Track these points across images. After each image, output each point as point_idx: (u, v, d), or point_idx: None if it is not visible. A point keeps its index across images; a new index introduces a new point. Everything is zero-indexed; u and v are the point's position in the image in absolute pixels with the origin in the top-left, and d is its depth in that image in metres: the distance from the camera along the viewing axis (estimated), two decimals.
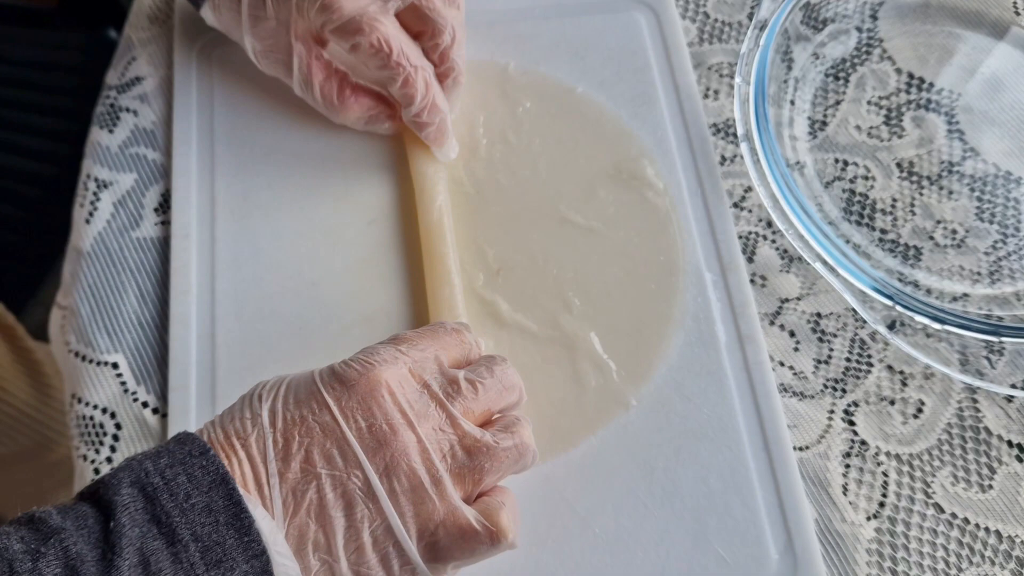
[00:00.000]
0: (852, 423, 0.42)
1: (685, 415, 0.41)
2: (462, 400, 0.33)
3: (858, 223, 0.47)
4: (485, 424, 0.34)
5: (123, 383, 0.42)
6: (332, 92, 0.43)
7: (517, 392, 0.35)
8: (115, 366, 0.42)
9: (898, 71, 0.51)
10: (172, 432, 0.40)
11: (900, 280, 0.46)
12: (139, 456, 0.29)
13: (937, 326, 0.42)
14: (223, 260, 0.44)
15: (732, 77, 0.50)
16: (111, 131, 0.47)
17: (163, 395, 0.41)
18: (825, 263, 0.44)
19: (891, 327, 0.44)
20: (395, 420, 0.31)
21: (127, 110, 0.48)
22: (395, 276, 0.44)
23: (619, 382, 0.41)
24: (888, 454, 0.42)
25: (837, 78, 0.51)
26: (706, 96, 0.50)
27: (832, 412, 0.43)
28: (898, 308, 0.43)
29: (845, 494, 0.40)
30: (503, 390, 0.34)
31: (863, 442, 0.42)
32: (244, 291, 0.43)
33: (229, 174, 0.46)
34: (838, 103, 0.50)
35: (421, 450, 0.31)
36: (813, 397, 0.43)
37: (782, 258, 0.46)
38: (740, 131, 0.47)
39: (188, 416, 0.40)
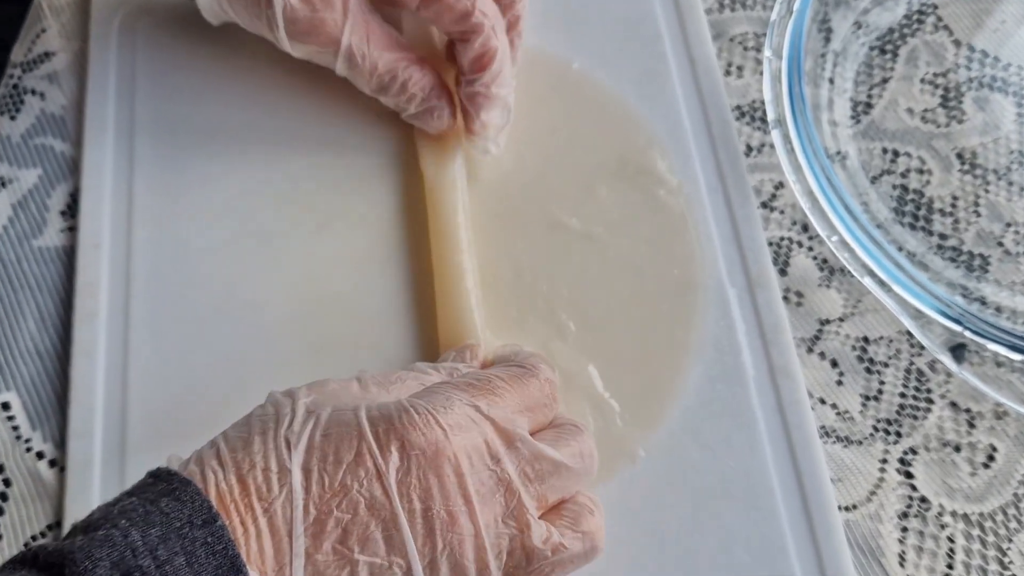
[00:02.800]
0: (909, 475, 0.35)
1: (704, 469, 0.33)
2: (538, 485, 0.27)
3: (912, 226, 0.40)
4: (553, 509, 0.28)
5: (15, 428, 0.34)
6: (398, 63, 0.35)
7: (594, 470, 0.30)
8: (5, 407, 0.34)
9: (956, 43, 0.43)
10: (72, 494, 0.32)
11: (964, 296, 0.38)
12: (120, 519, 0.22)
13: (1018, 357, 0.34)
14: (140, 275, 0.36)
15: (759, 50, 0.43)
16: (12, 118, 0.40)
17: (62, 443, 0.34)
18: (874, 276, 0.36)
19: (955, 354, 0.36)
20: (456, 507, 0.26)
21: (33, 92, 0.40)
22: (352, 294, 0.36)
23: (623, 427, 0.34)
24: (954, 514, 0.34)
25: (884, 52, 0.43)
26: (728, 73, 0.42)
27: (885, 462, 0.35)
28: (967, 334, 0.35)
29: (902, 565, 0.33)
30: (584, 471, 0.29)
31: (923, 499, 0.34)
32: (165, 314, 0.35)
33: (151, 170, 0.38)
34: (885, 81, 0.42)
35: (477, 546, 0.26)
36: (861, 443, 0.35)
37: (821, 270, 0.38)
38: (770, 115, 0.39)
39: (91, 471, 0.33)
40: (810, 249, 0.39)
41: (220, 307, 0.36)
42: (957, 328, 0.35)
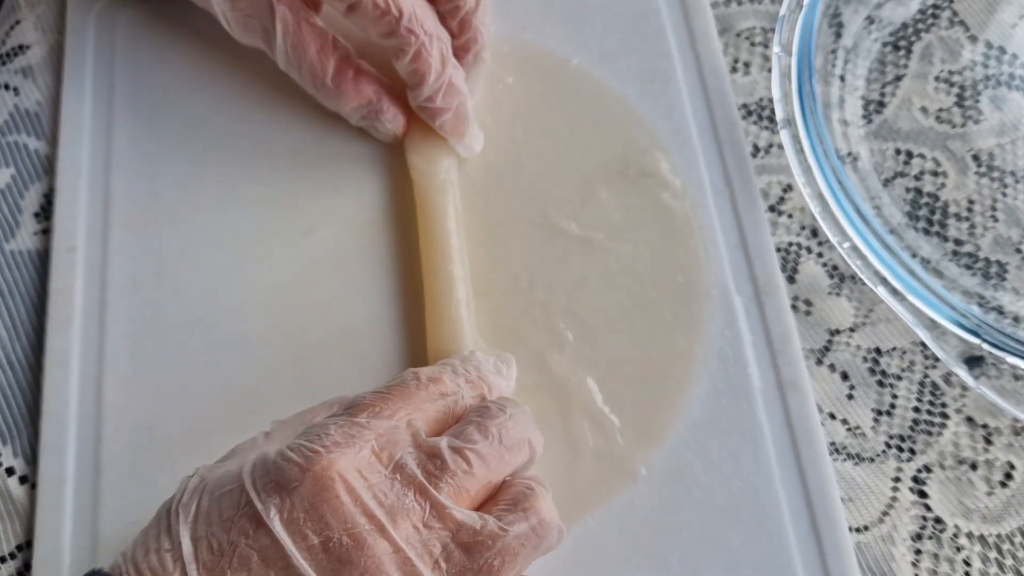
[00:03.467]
0: (924, 494, 0.33)
1: (710, 488, 0.32)
2: (450, 479, 0.25)
3: (926, 231, 0.38)
4: (488, 500, 0.26)
5: None
6: (326, 70, 0.34)
7: (526, 448, 0.28)
8: None
9: (973, 39, 0.41)
10: (43, 513, 0.31)
11: (980, 305, 0.37)
12: None
13: None
14: (117, 281, 0.34)
15: (767, 46, 0.41)
16: None
17: (33, 459, 0.32)
18: (887, 284, 0.34)
19: (971, 366, 0.34)
20: (359, 527, 0.24)
21: (6, 87, 0.38)
22: (338, 303, 0.34)
23: (623, 444, 0.32)
24: (970, 535, 0.32)
25: (897, 48, 0.41)
26: (734, 70, 0.40)
27: (898, 480, 0.33)
28: (985, 347, 0.33)
29: None
30: (504, 451, 0.27)
31: (938, 520, 0.33)
32: (143, 321, 0.34)
33: (130, 170, 0.36)
34: (899, 79, 0.40)
35: (400, 562, 0.24)
36: (873, 460, 0.33)
37: (831, 277, 0.37)
38: (779, 114, 0.37)
39: (64, 488, 0.31)
40: (820, 255, 0.37)
41: (200, 315, 0.34)
42: (975, 340, 0.33)
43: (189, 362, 0.33)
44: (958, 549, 0.32)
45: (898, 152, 0.39)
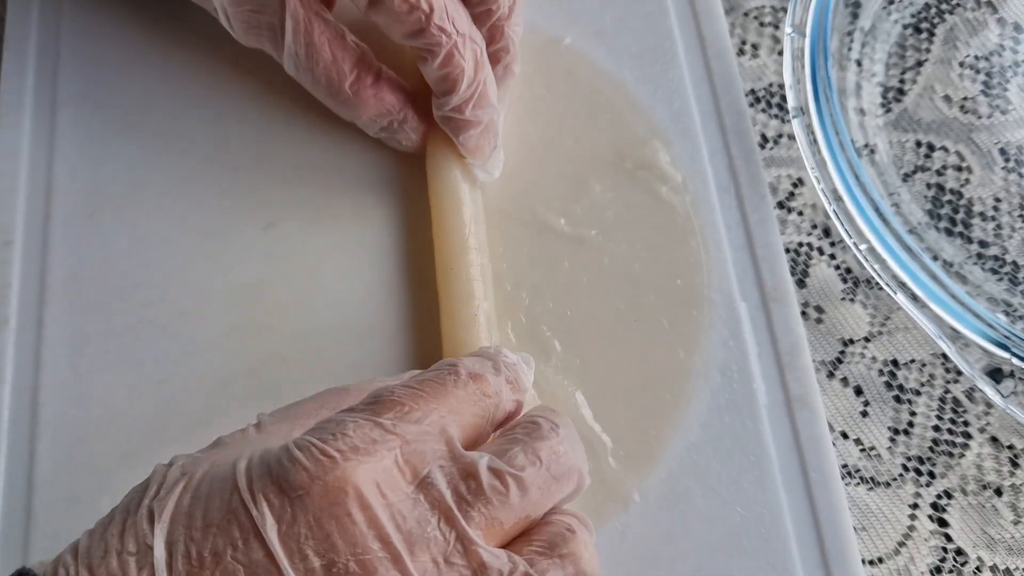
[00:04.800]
0: (944, 523, 0.30)
1: (709, 515, 0.29)
2: (483, 507, 0.22)
3: (948, 232, 0.35)
4: (521, 536, 0.23)
5: None
6: (343, 75, 0.30)
7: (574, 480, 0.24)
8: None
9: (1001, 21, 0.38)
10: None
11: (1007, 313, 0.34)
12: None
13: None
14: (57, 278, 0.31)
15: (778, 27, 0.38)
16: None
17: None
18: (906, 289, 0.31)
19: (996, 381, 0.31)
20: (370, 554, 0.20)
21: None
22: (303, 304, 0.31)
23: (615, 466, 0.29)
24: (995, 568, 0.30)
25: (919, 30, 0.38)
26: (742, 53, 0.37)
27: (916, 507, 0.30)
28: (1013, 360, 0.30)
29: None
30: (552, 482, 0.23)
31: (959, 551, 0.30)
32: (85, 324, 0.31)
33: (74, 155, 0.33)
34: (920, 65, 0.37)
35: None
36: (889, 485, 0.31)
37: (844, 281, 0.34)
38: (791, 102, 0.34)
39: None
40: (832, 257, 0.34)
41: (149, 316, 0.31)
42: (1001, 353, 0.30)
43: (135, 369, 0.30)
44: None
45: (919, 144, 0.36)
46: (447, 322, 0.30)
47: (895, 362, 0.32)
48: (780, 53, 0.37)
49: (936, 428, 0.32)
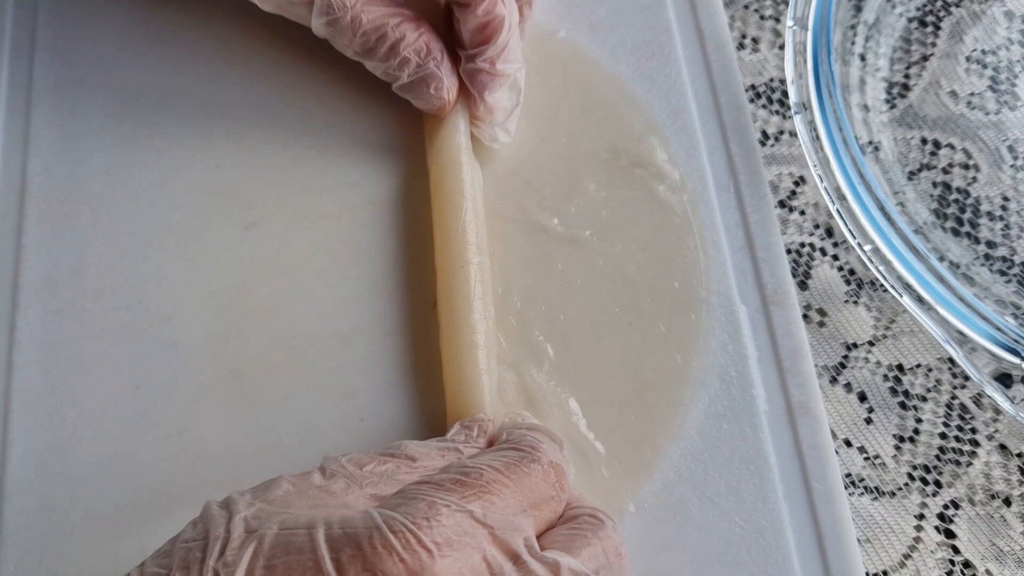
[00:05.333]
0: (951, 534, 0.29)
1: (707, 527, 0.28)
2: None
3: (955, 232, 0.34)
4: None
5: None
6: (386, 21, 0.28)
7: (628, 572, 0.24)
8: None
9: (1009, 14, 0.37)
10: None
11: (1016, 316, 0.32)
12: None
13: None
14: (31, 280, 0.30)
15: (779, 20, 0.36)
16: None
17: None
18: (912, 291, 0.30)
19: (1005, 386, 0.30)
20: None
21: None
22: (285, 308, 0.30)
23: (609, 476, 0.28)
24: None
25: (924, 24, 0.37)
26: (742, 47, 0.36)
27: (922, 518, 0.29)
28: (1023, 365, 0.29)
29: None
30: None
31: (967, 564, 0.29)
32: (59, 328, 0.29)
33: (49, 151, 0.32)
34: (925, 59, 0.36)
35: None
36: (894, 495, 0.29)
37: (848, 283, 0.32)
38: (792, 97, 0.33)
39: None
40: (835, 258, 0.33)
41: (125, 321, 0.29)
42: (1010, 358, 0.29)
43: (110, 375, 0.29)
44: None
45: (924, 142, 0.35)
46: (447, 319, 0.28)
47: (900, 367, 0.31)
48: (781, 47, 0.36)
49: (943, 435, 0.30)
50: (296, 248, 0.30)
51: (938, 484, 0.30)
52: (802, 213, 0.34)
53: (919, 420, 0.31)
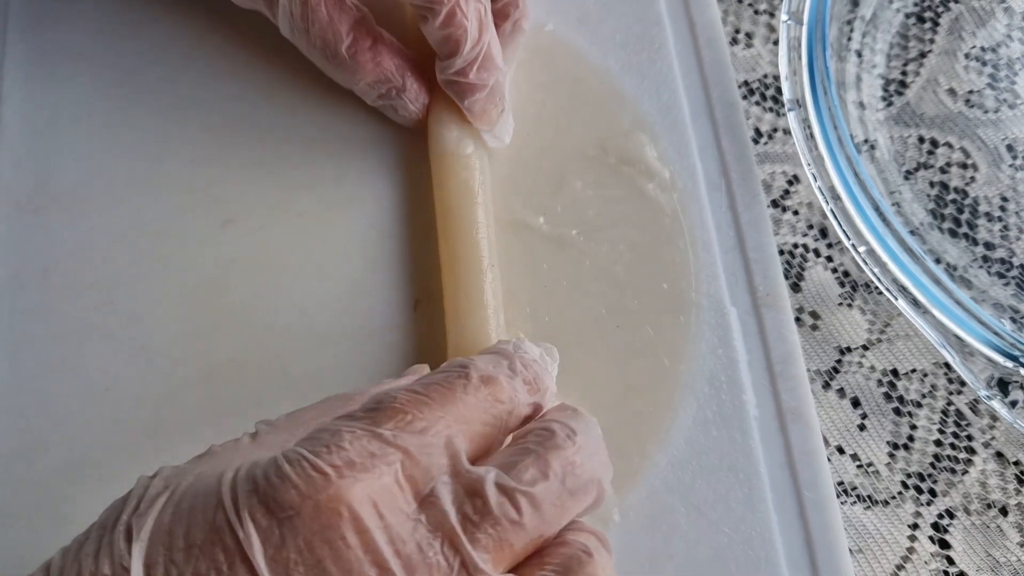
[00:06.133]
0: (946, 544, 0.28)
1: (694, 537, 0.27)
2: (491, 528, 0.20)
3: (952, 233, 0.33)
4: (533, 557, 0.21)
5: None
6: (340, 37, 0.28)
7: (592, 492, 0.22)
8: None
9: (1008, 11, 0.36)
10: None
11: (1014, 320, 0.32)
12: None
13: None
14: None
15: (773, 14, 0.36)
16: None
17: None
18: (907, 294, 0.29)
19: (1003, 392, 0.29)
20: None
21: None
22: (261, 308, 0.29)
23: None
24: None
25: (922, 20, 0.36)
26: (735, 41, 0.35)
27: (916, 527, 0.28)
28: (1022, 371, 0.28)
29: None
30: (567, 497, 0.21)
31: (962, 575, 0.28)
32: (26, 328, 0.29)
33: (17, 147, 0.31)
34: (923, 56, 0.35)
35: None
36: (888, 504, 0.29)
37: (842, 285, 0.32)
38: (786, 94, 0.32)
39: None
40: (829, 259, 0.32)
41: (95, 321, 0.29)
42: (1007, 363, 0.28)
43: (79, 378, 0.28)
44: None
45: (921, 140, 0.34)
46: (452, 309, 0.28)
47: (895, 372, 0.31)
48: (775, 42, 0.35)
49: (938, 443, 0.30)
50: (272, 246, 0.30)
51: (932, 493, 0.29)
52: (795, 213, 0.33)
53: (914, 427, 0.30)
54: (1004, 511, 0.29)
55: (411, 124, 0.31)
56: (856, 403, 0.30)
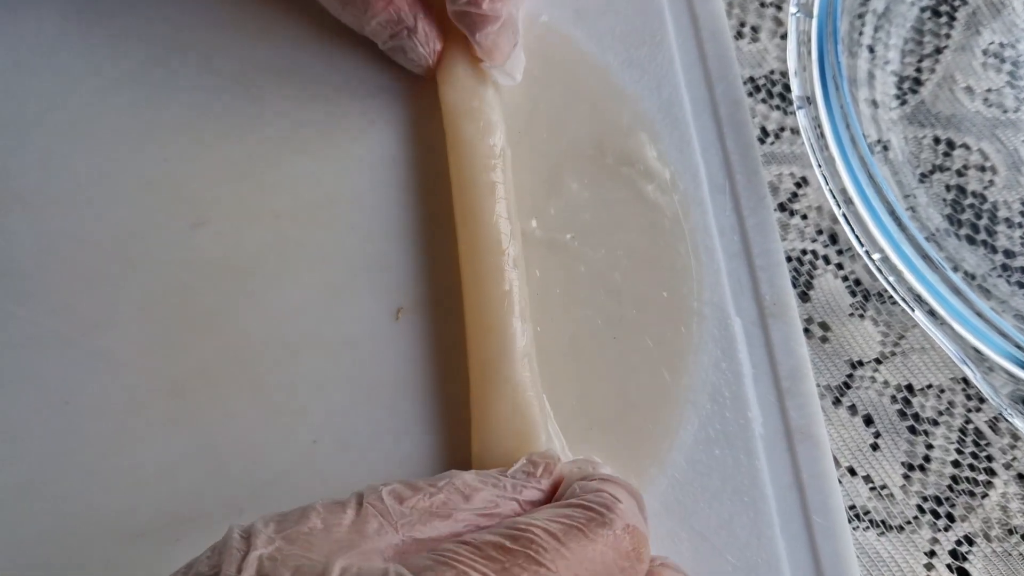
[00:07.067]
0: (965, 573, 0.26)
1: (696, 565, 0.25)
2: None
3: (970, 239, 0.31)
4: None
5: None
6: None
7: None
8: None
9: None
10: None
11: None
12: None
13: None
14: None
15: (781, 7, 0.34)
16: None
17: None
18: (923, 304, 0.27)
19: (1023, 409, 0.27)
20: None
21: None
22: (230, 316, 0.27)
23: None
24: None
25: (938, 14, 0.34)
26: (740, 35, 0.33)
27: (933, 555, 0.27)
28: None
29: None
30: None
31: None
32: None
33: None
34: (939, 52, 0.33)
35: None
36: (903, 529, 0.27)
37: (853, 294, 0.30)
38: (796, 91, 0.30)
39: None
40: (840, 267, 0.30)
41: (54, 327, 0.27)
42: None
43: (36, 389, 0.26)
44: None
45: (937, 141, 0.32)
46: (470, 275, 0.26)
47: (910, 387, 0.29)
48: (783, 36, 0.34)
49: (956, 464, 0.28)
50: (245, 249, 0.28)
51: (951, 518, 0.27)
52: (804, 217, 0.31)
53: (930, 446, 0.28)
54: None
55: (420, 71, 0.29)
56: (869, 421, 0.28)
